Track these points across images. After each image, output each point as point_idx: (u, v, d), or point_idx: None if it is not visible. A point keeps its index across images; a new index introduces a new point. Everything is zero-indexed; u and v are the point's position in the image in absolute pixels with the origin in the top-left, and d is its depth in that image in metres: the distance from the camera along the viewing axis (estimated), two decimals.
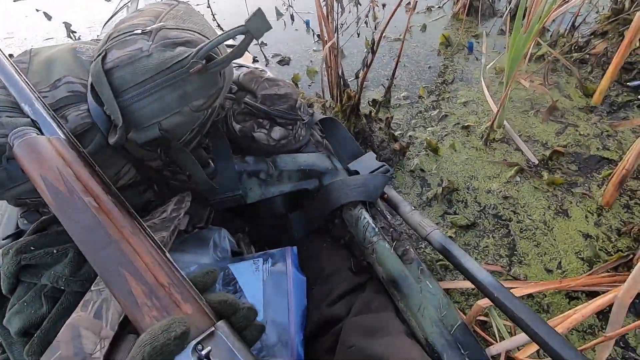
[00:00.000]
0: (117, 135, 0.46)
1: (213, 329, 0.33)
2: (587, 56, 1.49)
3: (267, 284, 0.61)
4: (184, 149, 0.53)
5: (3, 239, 0.65)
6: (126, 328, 0.38)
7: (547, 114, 1.28)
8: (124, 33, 0.47)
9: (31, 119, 0.44)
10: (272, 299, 0.60)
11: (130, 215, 0.40)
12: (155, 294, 0.35)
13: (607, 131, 1.21)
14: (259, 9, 0.42)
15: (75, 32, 2.01)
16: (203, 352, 0.31)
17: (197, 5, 1.90)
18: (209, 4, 1.81)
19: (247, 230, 0.81)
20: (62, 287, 0.45)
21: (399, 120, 1.31)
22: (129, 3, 1.34)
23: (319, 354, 0.57)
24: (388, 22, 0.93)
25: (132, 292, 0.34)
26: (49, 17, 2.28)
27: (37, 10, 2.35)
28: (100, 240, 0.36)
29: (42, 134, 0.43)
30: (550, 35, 1.61)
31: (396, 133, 1.23)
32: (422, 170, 1.12)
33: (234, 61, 1.02)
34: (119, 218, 0.39)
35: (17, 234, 0.66)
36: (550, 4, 0.93)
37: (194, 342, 0.31)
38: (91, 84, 0.47)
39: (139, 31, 0.46)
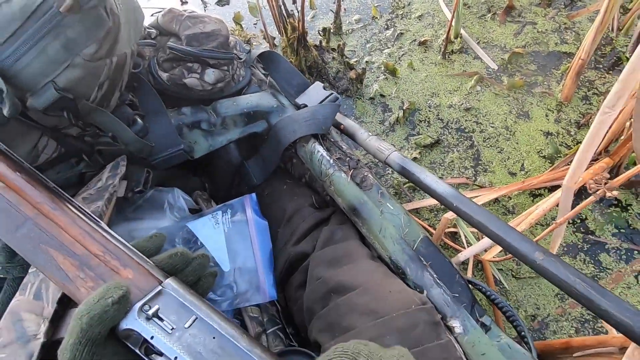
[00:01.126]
0: (8, 104, 0.40)
1: (160, 287, 0.32)
2: None
3: (229, 234, 0.60)
4: (97, 108, 0.47)
5: None
6: (69, 305, 0.37)
7: (504, 15, 1.22)
8: None
9: None
10: (236, 248, 0.59)
11: (50, 190, 0.37)
12: (87, 265, 0.33)
13: (565, 24, 1.17)
14: None
15: None
16: (150, 312, 0.29)
17: None
18: None
19: (208, 187, 0.78)
20: (1, 275, 0.43)
21: (353, 46, 1.23)
22: None
23: (291, 292, 0.58)
24: None
25: (61, 266, 0.32)
26: None
27: None
28: (13, 221, 0.33)
29: None
30: None
31: (352, 61, 1.16)
32: (382, 95, 1.08)
33: (157, 5, 0.90)
34: (34, 195, 0.35)
35: None
36: None
37: (139, 304, 0.30)
38: None
39: None
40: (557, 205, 0.81)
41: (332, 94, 0.68)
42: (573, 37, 1.13)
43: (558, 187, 0.83)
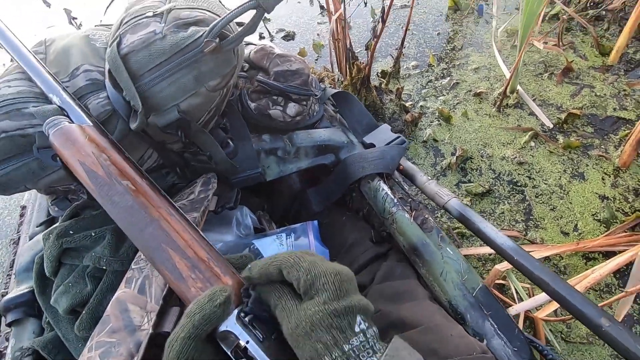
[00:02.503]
0: (138, 120, 0.47)
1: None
2: (603, 12, 1.43)
3: None
4: (203, 130, 0.53)
5: (37, 226, 0.68)
6: (169, 302, 0.41)
7: (561, 75, 1.25)
8: (135, 17, 0.47)
9: (60, 108, 0.46)
10: None
11: (163, 197, 0.42)
12: (197, 268, 0.37)
13: (625, 90, 1.18)
14: None
15: (76, 19, 1.99)
16: (246, 319, 0.33)
17: None
18: None
19: (266, 208, 0.83)
20: (104, 267, 0.48)
21: (409, 90, 1.29)
22: None
23: None
24: None
25: (177, 266, 0.37)
26: (48, 4, 2.25)
27: None
28: (142, 220, 0.38)
29: (72, 122, 0.44)
30: None
31: (407, 104, 1.22)
32: (435, 140, 1.12)
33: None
34: (155, 199, 0.41)
35: (50, 220, 0.69)
36: None
37: (236, 310, 0.33)
38: (109, 70, 0.47)
39: (151, 13, 0.46)
40: (614, 273, 0.79)
41: (399, 136, 0.72)
42: (633, 105, 1.13)
43: (613, 253, 0.82)
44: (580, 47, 1.35)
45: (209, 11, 0.48)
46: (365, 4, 1.41)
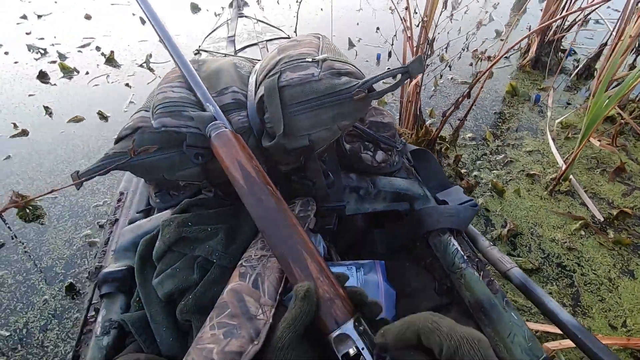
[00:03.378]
0: (275, 140, 0.55)
1: (359, 313, 0.40)
2: None
3: None
4: (316, 159, 0.61)
5: (137, 212, 0.75)
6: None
7: (613, 174, 1.30)
8: (295, 59, 0.56)
9: (214, 116, 0.54)
10: None
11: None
12: (323, 272, 0.42)
13: None
14: (420, 56, 0.51)
15: None
16: (361, 327, 0.38)
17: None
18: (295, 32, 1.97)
19: (329, 239, 0.88)
20: (214, 260, 0.53)
21: (464, 159, 1.37)
22: (229, 20, 1.50)
23: None
24: (487, 70, 1.01)
25: (308, 266, 0.42)
26: (143, 22, 2.53)
27: (134, 15, 2.62)
28: (282, 221, 0.44)
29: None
30: (620, 99, 1.63)
31: (462, 170, 1.28)
32: (487, 210, 1.16)
33: None
34: (287, 207, 0.47)
35: (148, 209, 0.76)
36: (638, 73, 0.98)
37: (353, 319, 0.38)
38: (262, 95, 0.56)
39: (310, 60, 0.56)
40: None
41: (472, 199, 0.78)
42: None
43: None
44: (633, 151, 1.41)
45: (354, 66, 0.58)
46: (441, 76, 1.54)
